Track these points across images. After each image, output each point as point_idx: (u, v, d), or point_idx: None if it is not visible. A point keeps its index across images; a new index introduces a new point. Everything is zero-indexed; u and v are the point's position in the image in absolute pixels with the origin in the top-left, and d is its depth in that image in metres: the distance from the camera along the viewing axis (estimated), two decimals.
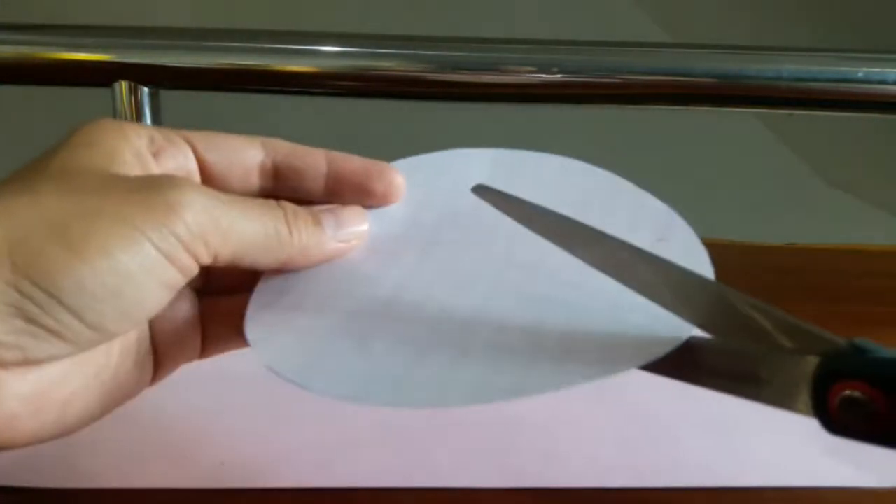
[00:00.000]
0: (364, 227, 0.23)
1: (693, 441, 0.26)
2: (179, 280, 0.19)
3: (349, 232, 0.22)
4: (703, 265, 0.21)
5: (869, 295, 0.41)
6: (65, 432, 0.19)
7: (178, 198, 0.18)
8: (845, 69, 0.40)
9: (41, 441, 0.19)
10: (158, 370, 0.22)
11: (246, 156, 0.22)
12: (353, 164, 0.23)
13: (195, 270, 0.19)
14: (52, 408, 0.18)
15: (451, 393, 0.18)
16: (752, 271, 0.44)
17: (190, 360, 0.23)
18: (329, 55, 0.41)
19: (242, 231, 0.19)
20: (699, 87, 0.41)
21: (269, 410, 0.27)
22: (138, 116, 0.40)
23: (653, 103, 0.42)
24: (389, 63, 0.41)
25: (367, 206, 0.23)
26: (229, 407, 0.27)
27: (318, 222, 0.21)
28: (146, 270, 0.18)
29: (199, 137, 0.22)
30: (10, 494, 0.23)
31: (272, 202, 0.21)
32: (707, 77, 0.40)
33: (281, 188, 0.23)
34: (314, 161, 0.22)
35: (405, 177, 0.24)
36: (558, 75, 0.41)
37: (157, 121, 0.41)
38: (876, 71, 0.40)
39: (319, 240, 0.21)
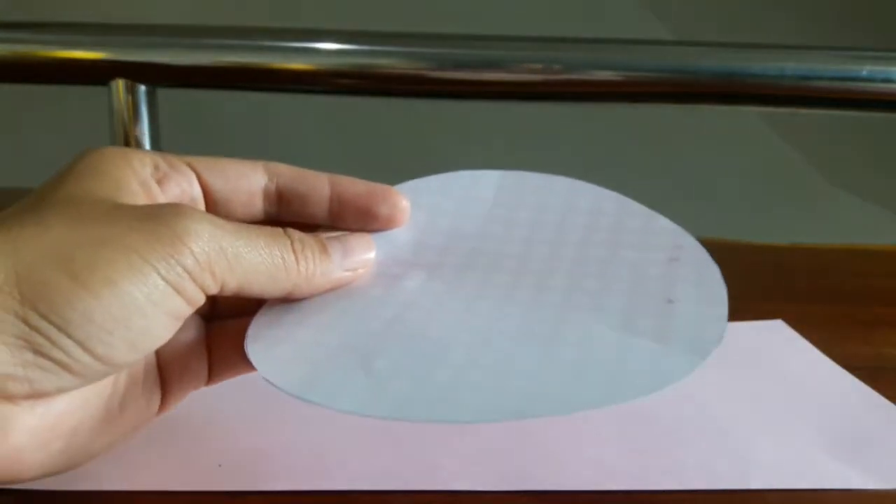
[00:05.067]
0: (371, 255, 0.22)
1: (695, 444, 0.26)
2: (186, 310, 0.19)
3: (356, 260, 0.22)
4: (715, 285, 0.21)
5: (872, 295, 0.41)
6: (71, 465, 0.19)
7: (185, 227, 0.18)
8: (849, 67, 0.40)
9: (47, 475, 0.19)
10: (166, 399, 0.22)
11: (249, 181, 0.22)
12: (356, 187, 0.23)
13: (202, 300, 0.19)
14: (58, 440, 0.18)
15: (453, 410, 0.18)
16: (754, 271, 0.43)
17: (197, 387, 0.23)
18: (328, 53, 0.41)
19: (249, 261, 0.19)
20: (702, 84, 0.41)
21: (268, 412, 0.27)
22: (135, 115, 0.40)
23: (655, 101, 0.42)
24: (390, 61, 0.41)
25: (372, 230, 0.23)
26: (227, 409, 0.27)
27: (325, 251, 0.21)
28: (153, 301, 0.17)
29: (203, 163, 0.22)
30: (7, 496, 0.23)
31: (279, 231, 0.21)
32: (710, 75, 0.40)
33: (284, 212, 0.23)
34: (317, 185, 0.22)
35: (409, 199, 0.23)
36: (561, 73, 0.41)
37: (153, 119, 0.41)
38: (880, 69, 0.40)
39: (326, 269, 0.21)
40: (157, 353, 0.21)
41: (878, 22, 0.73)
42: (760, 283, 0.41)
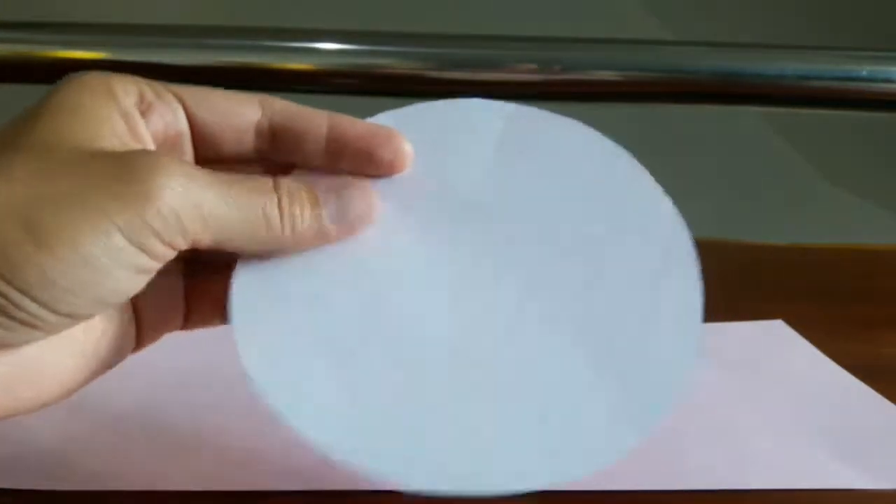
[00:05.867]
0: (371, 212, 0.21)
1: (696, 443, 0.26)
2: (154, 266, 0.18)
3: (352, 218, 0.21)
4: (692, 313, 0.20)
5: (873, 295, 0.41)
6: (44, 404, 0.19)
7: (156, 184, 0.17)
8: (849, 67, 0.40)
9: (17, 415, 0.18)
10: (141, 338, 0.21)
11: (241, 115, 0.21)
12: (357, 128, 0.21)
13: (172, 256, 0.18)
14: (26, 384, 0.18)
15: (377, 461, 0.18)
16: (754, 271, 0.43)
17: (173, 329, 0.22)
18: (328, 53, 0.40)
19: (226, 217, 0.18)
20: (701, 84, 0.41)
21: (268, 412, 0.27)
22: None
23: (655, 101, 0.42)
24: (389, 61, 0.41)
25: (372, 176, 0.22)
26: (227, 408, 0.27)
27: (315, 205, 0.20)
28: (118, 262, 0.17)
29: (192, 94, 0.21)
30: (7, 496, 0.23)
31: (266, 183, 0.19)
32: (710, 75, 0.40)
33: (278, 151, 0.21)
34: (315, 124, 0.21)
35: (414, 127, 0.22)
36: (560, 73, 0.41)
37: None
38: (880, 69, 0.40)
39: (316, 228, 0.20)
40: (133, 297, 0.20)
41: (878, 22, 0.73)
42: (760, 283, 0.41)
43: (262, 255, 0.20)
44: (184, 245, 0.18)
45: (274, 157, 0.21)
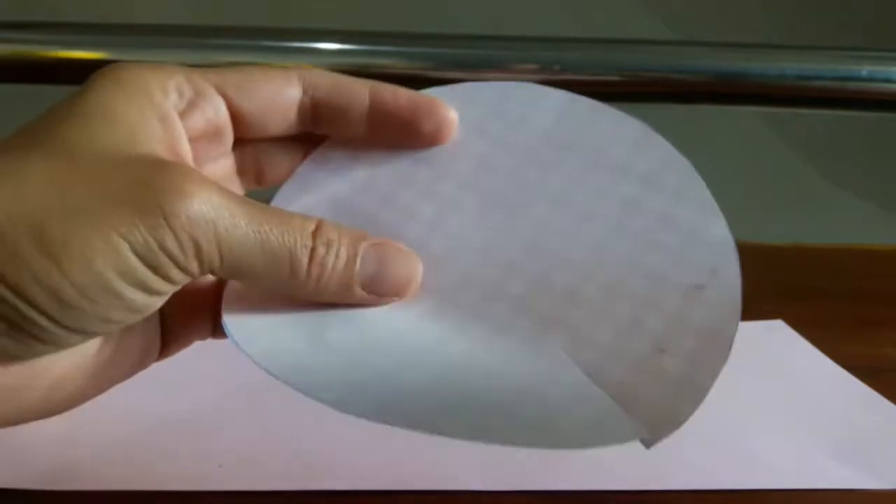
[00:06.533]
0: (408, 287, 0.19)
1: (695, 444, 0.26)
2: (170, 288, 0.17)
3: (387, 290, 0.19)
4: (721, 342, 0.19)
5: (872, 295, 0.41)
6: (53, 413, 0.18)
7: (178, 205, 0.16)
8: (849, 67, 0.40)
9: (25, 423, 0.18)
10: (167, 346, 0.21)
11: (283, 97, 0.20)
12: (399, 99, 0.21)
13: (187, 280, 0.17)
14: (36, 394, 0.17)
15: (389, 409, 0.17)
16: (754, 271, 0.43)
17: (202, 338, 0.21)
18: (327, 53, 0.41)
19: (249, 253, 0.17)
20: (701, 84, 0.41)
21: (268, 412, 0.27)
22: None
23: (655, 101, 0.42)
24: (389, 61, 0.41)
25: (415, 147, 0.21)
26: (228, 409, 0.27)
27: (351, 261, 0.18)
28: (131, 281, 0.16)
29: (233, 83, 0.20)
30: (7, 496, 0.23)
31: (307, 225, 0.18)
32: (710, 75, 0.40)
33: (319, 125, 0.21)
34: (357, 95, 0.20)
35: (458, 109, 0.21)
36: (560, 73, 0.41)
37: None
38: (880, 69, 0.40)
39: (341, 289, 0.18)
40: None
41: (878, 22, 0.73)
42: (760, 283, 0.41)
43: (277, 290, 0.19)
44: (200, 273, 0.17)
45: (315, 131, 0.21)
